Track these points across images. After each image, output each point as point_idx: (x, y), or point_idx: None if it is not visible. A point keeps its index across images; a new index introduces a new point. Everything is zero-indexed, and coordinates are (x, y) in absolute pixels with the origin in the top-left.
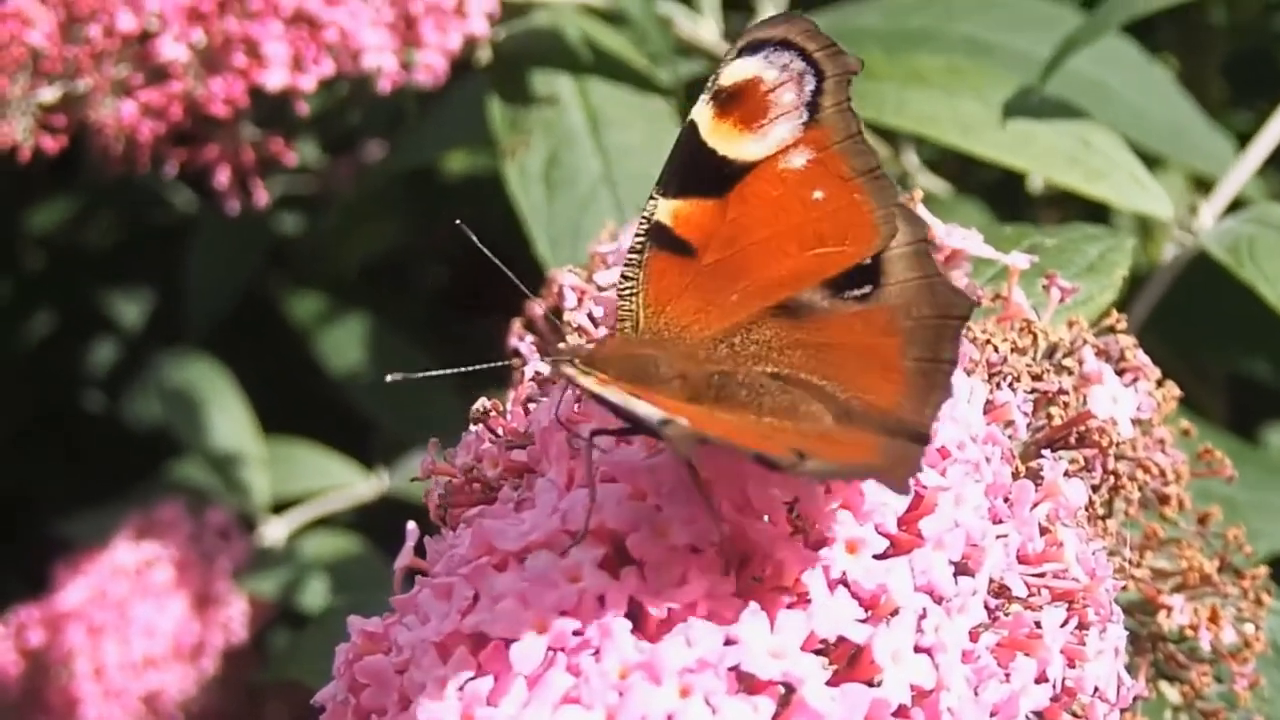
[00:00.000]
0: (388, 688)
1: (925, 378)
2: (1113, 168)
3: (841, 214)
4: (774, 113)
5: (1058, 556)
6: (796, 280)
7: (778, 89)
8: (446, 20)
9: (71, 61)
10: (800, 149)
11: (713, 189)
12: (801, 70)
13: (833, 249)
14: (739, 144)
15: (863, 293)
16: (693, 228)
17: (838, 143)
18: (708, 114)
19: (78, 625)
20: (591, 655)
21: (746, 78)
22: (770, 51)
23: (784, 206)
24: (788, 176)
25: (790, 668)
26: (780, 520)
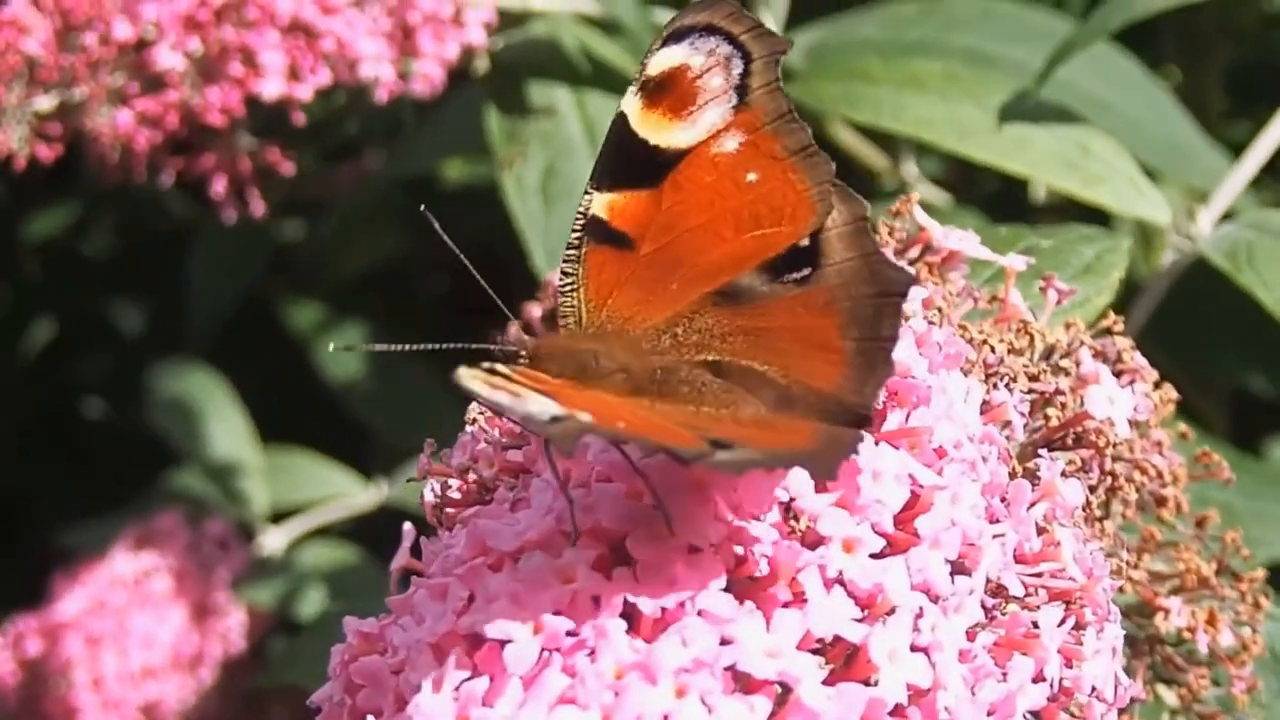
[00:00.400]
0: (383, 688)
1: (865, 357)
2: (1111, 173)
3: (776, 194)
4: (703, 98)
5: (1055, 556)
6: (735, 264)
7: (705, 74)
8: (444, 30)
9: (68, 70)
10: (731, 132)
11: (646, 179)
12: (728, 54)
13: (769, 230)
14: (669, 132)
15: (802, 275)
16: (629, 219)
17: (768, 123)
18: (636, 105)
19: (76, 635)
20: (587, 655)
21: (673, 65)
22: (696, 37)
23: (718, 191)
24: (720, 161)
25: (786, 667)
26: (777, 520)
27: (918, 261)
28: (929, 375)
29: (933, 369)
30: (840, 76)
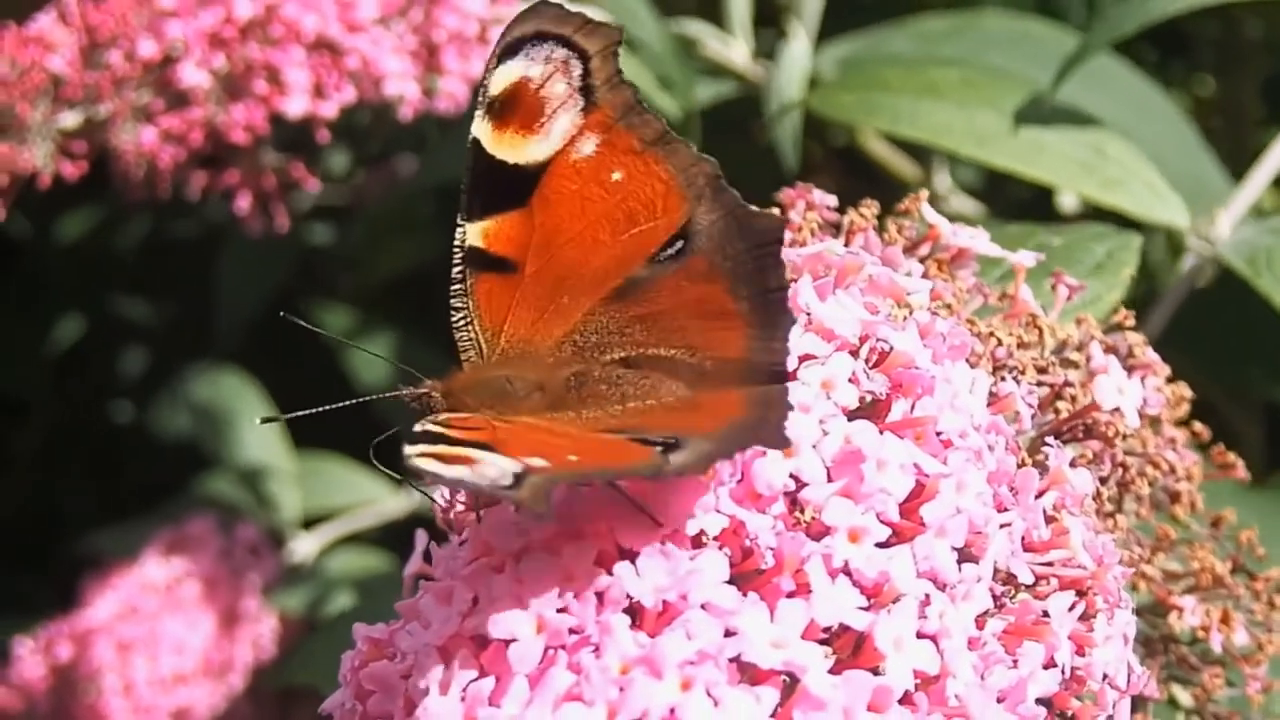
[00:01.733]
0: (393, 693)
1: (762, 313)
2: (1129, 176)
3: (644, 188)
4: (550, 107)
5: (1064, 544)
6: (620, 265)
7: (546, 83)
8: (469, 47)
9: (92, 87)
10: (586, 136)
11: (514, 200)
12: (564, 57)
13: (646, 225)
14: (525, 149)
15: (676, 249)
16: (505, 242)
17: (619, 119)
18: (486, 128)
19: (107, 641)
20: (591, 652)
21: (513, 81)
22: (529, 48)
23: (587, 197)
24: (582, 167)
25: (792, 657)
26: (782, 511)
27: (927, 259)
28: (933, 366)
29: (937, 359)
30: (859, 87)
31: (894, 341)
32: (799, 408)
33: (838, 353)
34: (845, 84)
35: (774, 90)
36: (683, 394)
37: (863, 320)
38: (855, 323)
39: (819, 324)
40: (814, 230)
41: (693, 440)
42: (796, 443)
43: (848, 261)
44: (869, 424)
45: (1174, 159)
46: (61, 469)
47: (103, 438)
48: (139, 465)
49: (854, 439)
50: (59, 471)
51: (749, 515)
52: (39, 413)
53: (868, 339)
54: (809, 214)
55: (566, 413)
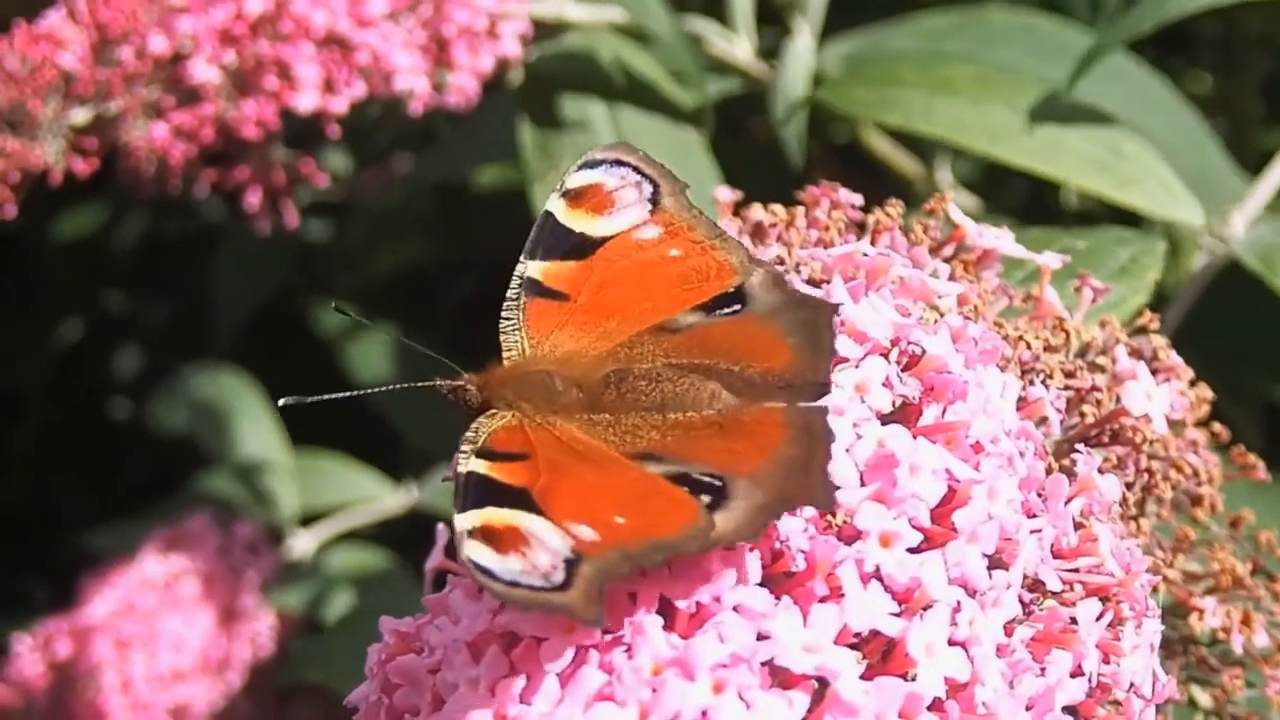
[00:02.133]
0: (421, 688)
1: (810, 347)
2: (1143, 174)
3: (699, 263)
4: (620, 204)
5: (1092, 551)
6: (669, 308)
7: (618, 190)
8: (479, 42)
9: (103, 83)
10: (649, 225)
11: (576, 254)
12: (638, 180)
13: (697, 285)
14: (594, 224)
15: (733, 310)
16: (562, 281)
17: (681, 219)
18: (561, 205)
19: (105, 638)
20: (624, 652)
21: (589, 183)
22: (608, 166)
23: (645, 262)
24: (644, 243)
25: (824, 661)
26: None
27: (952, 260)
28: (965, 370)
29: (969, 364)
30: (873, 81)
31: (927, 345)
32: (833, 410)
33: (871, 356)
34: (858, 79)
35: (779, 87)
36: (724, 401)
37: (895, 323)
38: (888, 325)
39: (851, 326)
40: (840, 229)
41: (738, 487)
42: None
43: (878, 263)
44: (902, 428)
45: (1186, 156)
46: (59, 467)
47: (100, 436)
48: (137, 463)
49: (887, 443)
50: (56, 470)
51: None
52: (36, 411)
53: (899, 342)
54: (834, 213)
55: (604, 415)
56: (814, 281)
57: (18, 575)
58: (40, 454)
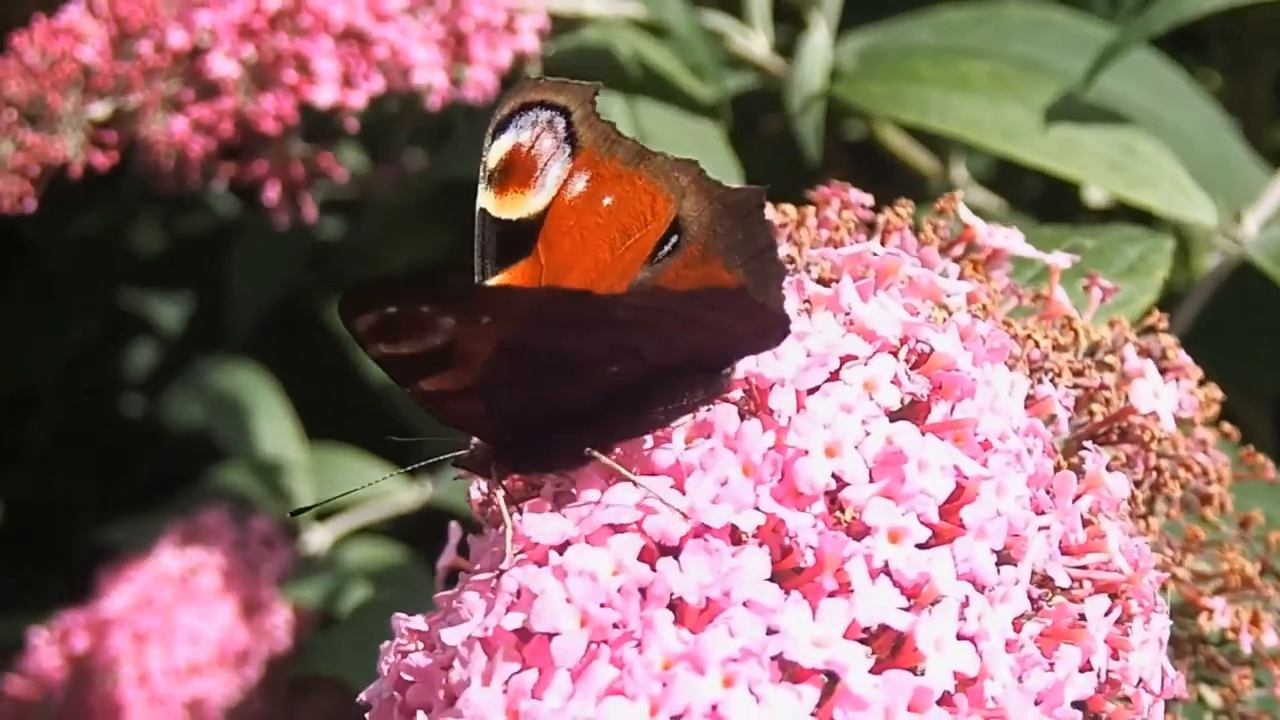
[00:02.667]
0: (433, 684)
1: (756, 274)
2: (1157, 175)
3: (634, 203)
4: (541, 161)
5: (1100, 548)
6: (624, 277)
7: (535, 142)
8: (497, 37)
9: (122, 77)
10: (576, 176)
11: (521, 252)
12: (549, 117)
13: (639, 234)
14: (525, 204)
15: (673, 244)
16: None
17: (600, 150)
18: (490, 197)
19: (122, 631)
20: (634, 647)
21: (507, 150)
22: (517, 119)
23: (584, 227)
24: (577, 204)
25: (834, 656)
26: (822, 510)
27: (962, 259)
28: (973, 368)
29: (977, 362)
30: (888, 77)
31: (935, 343)
32: (841, 407)
33: (880, 354)
34: (874, 74)
35: (795, 82)
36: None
37: (904, 321)
38: (896, 324)
39: (860, 325)
40: (850, 229)
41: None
42: (839, 442)
43: (887, 262)
44: (911, 425)
45: (1205, 148)
46: (73, 463)
47: (115, 432)
48: (151, 459)
49: (896, 440)
50: (71, 465)
51: (789, 514)
52: (51, 407)
53: (907, 340)
54: (844, 213)
55: None
56: (824, 280)
57: (31, 571)
58: (53, 450)
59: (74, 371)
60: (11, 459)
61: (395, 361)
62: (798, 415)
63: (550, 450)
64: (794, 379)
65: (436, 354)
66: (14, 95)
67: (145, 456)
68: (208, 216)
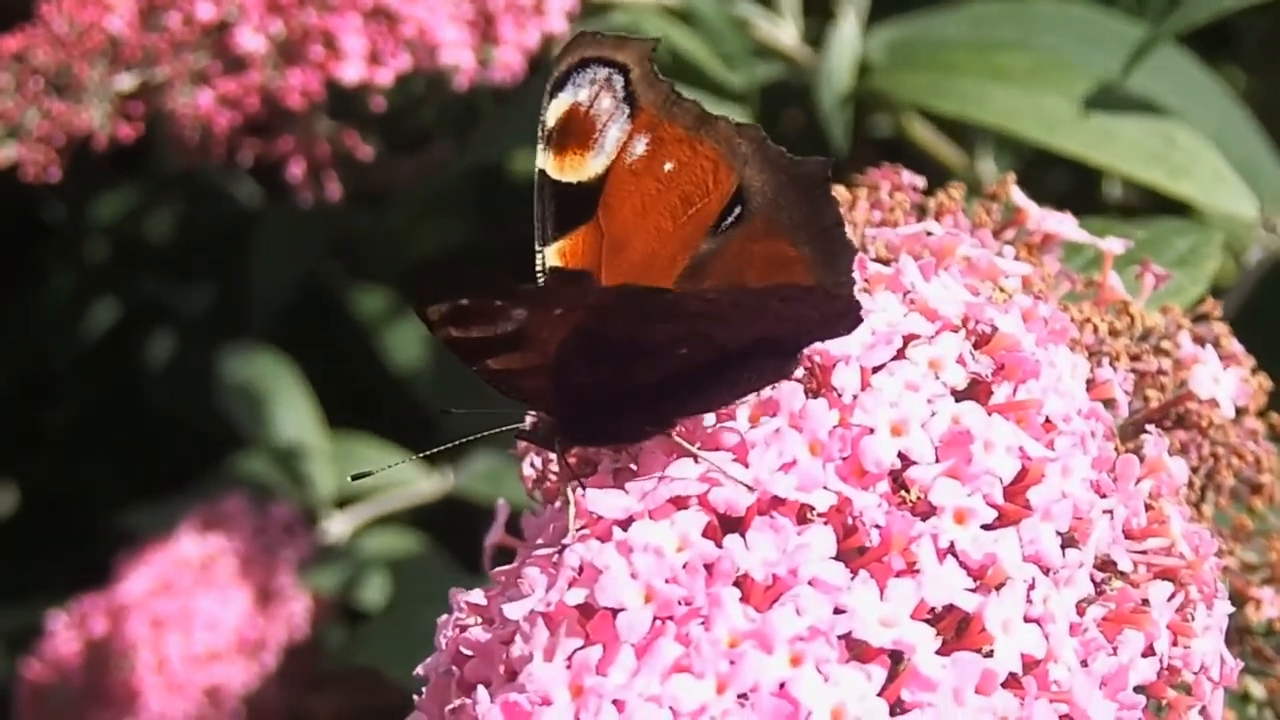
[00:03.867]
0: (492, 659)
1: (824, 250)
2: (1197, 165)
3: (695, 169)
4: (600, 122)
5: (1162, 532)
6: (686, 247)
7: (594, 101)
8: (525, 17)
9: (150, 49)
10: (636, 138)
11: (582, 217)
12: (607, 74)
13: (701, 203)
14: (584, 166)
15: (735, 216)
16: (580, 256)
17: (660, 113)
18: (549, 158)
19: (141, 617)
20: (700, 624)
21: (565, 109)
22: (575, 76)
23: (645, 193)
24: (637, 168)
25: (902, 635)
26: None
27: (1013, 243)
28: (1037, 349)
29: (1040, 343)
30: (925, 68)
31: (999, 324)
32: (907, 386)
33: (944, 332)
34: (909, 65)
35: (825, 72)
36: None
37: (966, 301)
38: (959, 304)
39: (923, 304)
40: (905, 210)
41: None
42: (905, 420)
43: (946, 242)
44: (977, 405)
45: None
46: (92, 450)
47: (134, 419)
48: (170, 446)
49: (963, 419)
50: (90, 452)
51: (856, 493)
52: (70, 393)
53: (968, 320)
54: (897, 194)
55: None
56: (881, 260)
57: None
58: (74, 437)
59: (94, 358)
60: (30, 445)
61: (463, 343)
62: (864, 393)
63: (615, 425)
64: (859, 356)
65: (506, 338)
66: (41, 64)
67: (164, 443)
68: (229, 205)
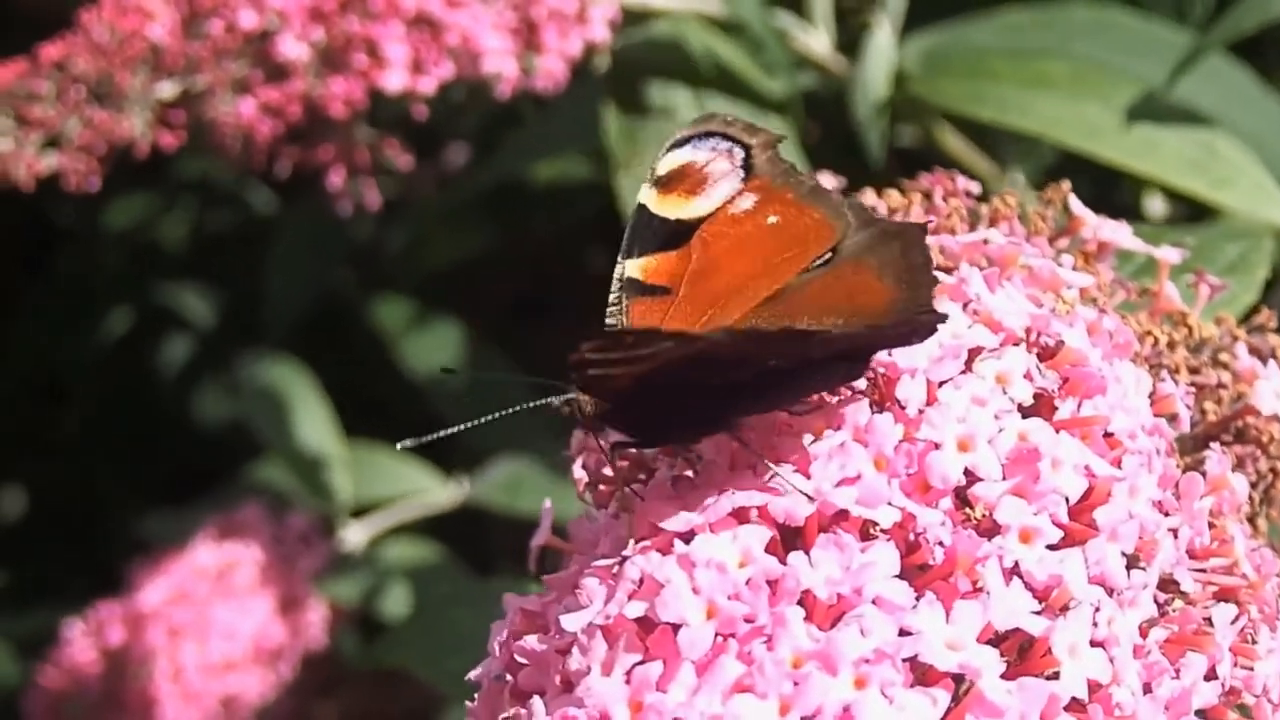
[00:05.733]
0: (548, 669)
1: (908, 281)
2: (1238, 175)
3: (797, 225)
4: (713, 179)
5: (1225, 552)
6: (773, 280)
7: (710, 163)
8: (568, 26)
9: (191, 57)
10: (745, 195)
11: (672, 244)
12: (729, 147)
13: (797, 251)
14: (687, 207)
15: (825, 260)
16: (661, 275)
17: (776, 181)
18: (652, 194)
19: (158, 625)
20: (763, 643)
21: (680, 164)
22: (697, 141)
23: (743, 236)
24: (740, 216)
25: (968, 659)
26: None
27: (1068, 252)
28: (1103, 364)
29: (1105, 357)
30: (963, 75)
31: (1066, 337)
32: (973, 400)
33: (1009, 346)
34: (946, 73)
35: (860, 82)
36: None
37: (1032, 314)
38: (1024, 315)
39: (987, 315)
40: (962, 216)
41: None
42: (972, 436)
43: (1007, 251)
44: (1043, 421)
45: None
46: (103, 455)
47: (146, 426)
48: (182, 454)
49: (1030, 436)
50: (100, 458)
51: (920, 509)
52: (86, 400)
53: (1031, 332)
54: (952, 200)
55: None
56: (941, 269)
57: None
58: (87, 443)
59: (107, 365)
60: (40, 450)
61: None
62: (931, 407)
63: (675, 425)
64: (926, 370)
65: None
66: (82, 72)
67: (174, 449)
68: (243, 212)
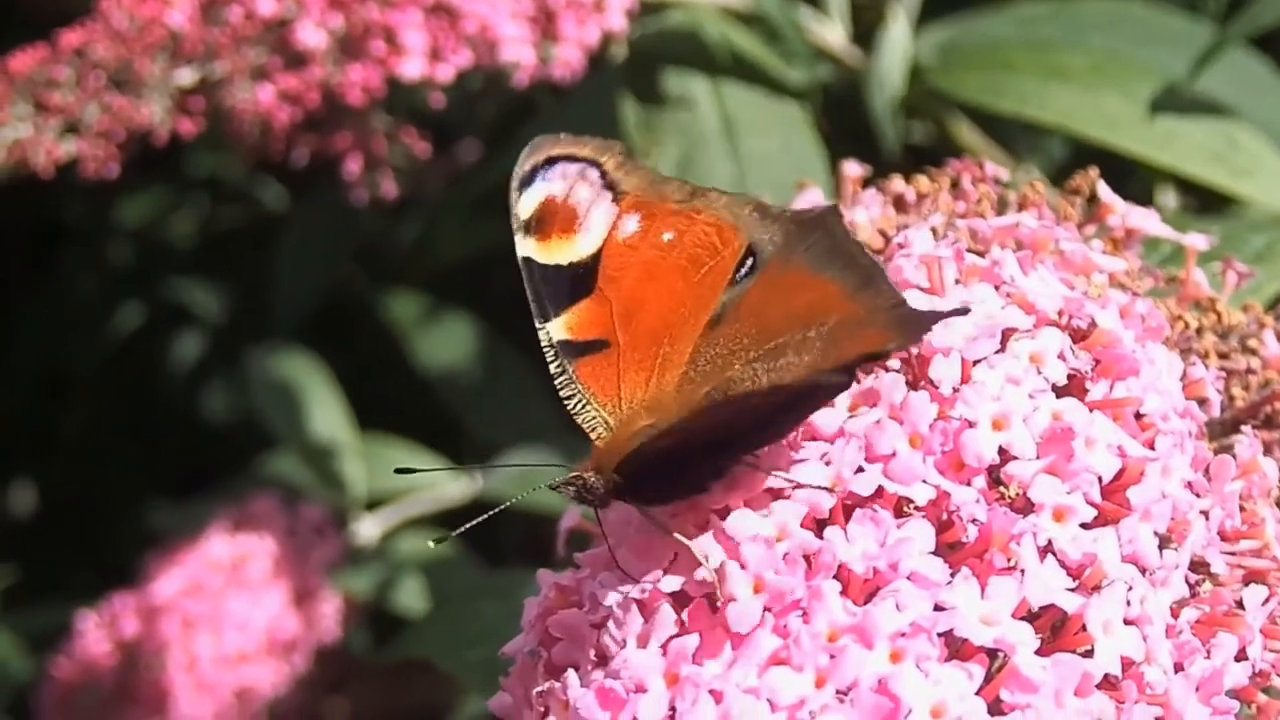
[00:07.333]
0: (583, 643)
1: (855, 275)
2: (1259, 166)
3: (697, 235)
4: (582, 210)
5: (1256, 534)
6: (706, 302)
7: (570, 193)
8: (586, 14)
9: (210, 44)
10: (625, 217)
11: (580, 291)
12: (578, 169)
13: (711, 261)
14: (573, 248)
15: (750, 266)
16: (589, 327)
17: (648, 192)
18: (531, 244)
19: (172, 617)
20: (799, 616)
21: (540, 202)
22: (543, 171)
23: (648, 261)
24: (633, 241)
25: (1003, 635)
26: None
27: (1096, 238)
28: (1135, 346)
29: (1138, 340)
30: (982, 67)
31: (1099, 319)
32: (1008, 379)
33: (1044, 327)
34: (963, 65)
35: (876, 74)
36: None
37: (1065, 296)
38: (1057, 298)
39: (1020, 297)
40: (991, 202)
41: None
42: (1007, 415)
43: (1039, 235)
44: (1078, 401)
45: None
46: (114, 451)
47: (156, 420)
48: (193, 448)
49: (1064, 415)
50: (110, 454)
51: (955, 487)
52: (92, 395)
53: (1063, 315)
54: (981, 185)
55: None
56: (973, 252)
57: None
58: (98, 438)
59: (118, 360)
60: (50, 446)
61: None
62: (966, 386)
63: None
64: (962, 349)
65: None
66: (101, 59)
67: (184, 445)
68: (253, 207)
